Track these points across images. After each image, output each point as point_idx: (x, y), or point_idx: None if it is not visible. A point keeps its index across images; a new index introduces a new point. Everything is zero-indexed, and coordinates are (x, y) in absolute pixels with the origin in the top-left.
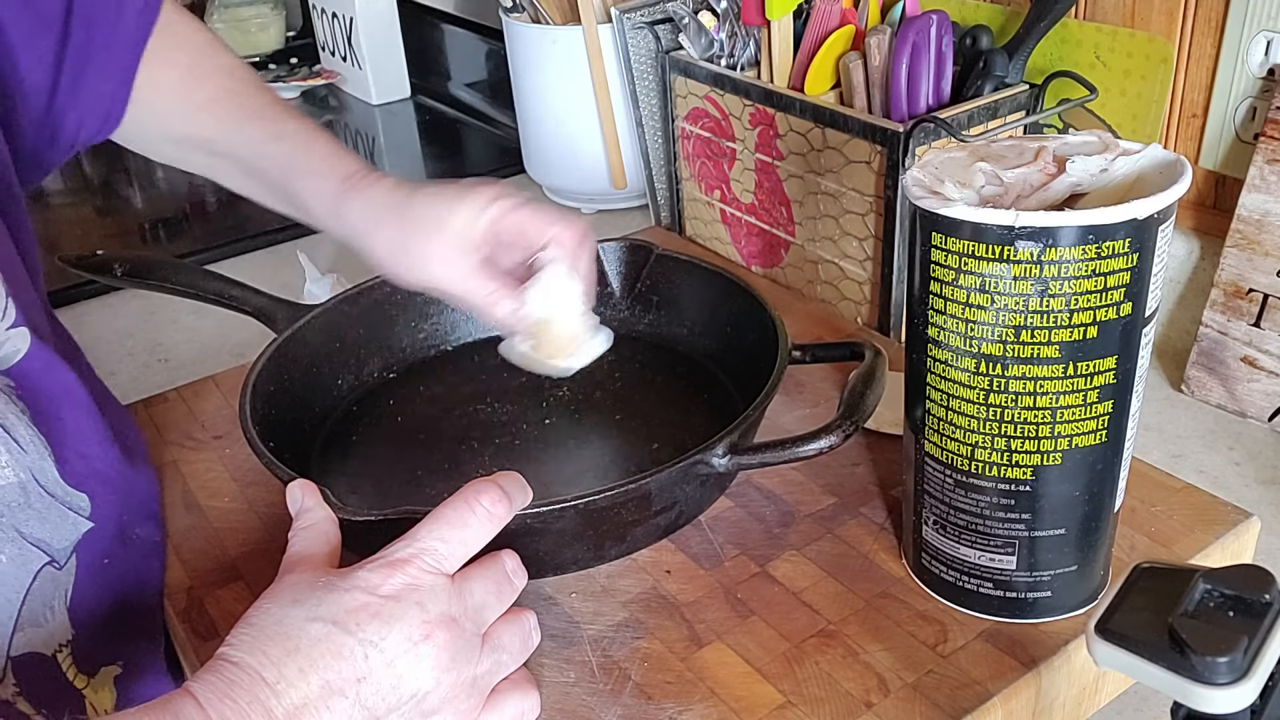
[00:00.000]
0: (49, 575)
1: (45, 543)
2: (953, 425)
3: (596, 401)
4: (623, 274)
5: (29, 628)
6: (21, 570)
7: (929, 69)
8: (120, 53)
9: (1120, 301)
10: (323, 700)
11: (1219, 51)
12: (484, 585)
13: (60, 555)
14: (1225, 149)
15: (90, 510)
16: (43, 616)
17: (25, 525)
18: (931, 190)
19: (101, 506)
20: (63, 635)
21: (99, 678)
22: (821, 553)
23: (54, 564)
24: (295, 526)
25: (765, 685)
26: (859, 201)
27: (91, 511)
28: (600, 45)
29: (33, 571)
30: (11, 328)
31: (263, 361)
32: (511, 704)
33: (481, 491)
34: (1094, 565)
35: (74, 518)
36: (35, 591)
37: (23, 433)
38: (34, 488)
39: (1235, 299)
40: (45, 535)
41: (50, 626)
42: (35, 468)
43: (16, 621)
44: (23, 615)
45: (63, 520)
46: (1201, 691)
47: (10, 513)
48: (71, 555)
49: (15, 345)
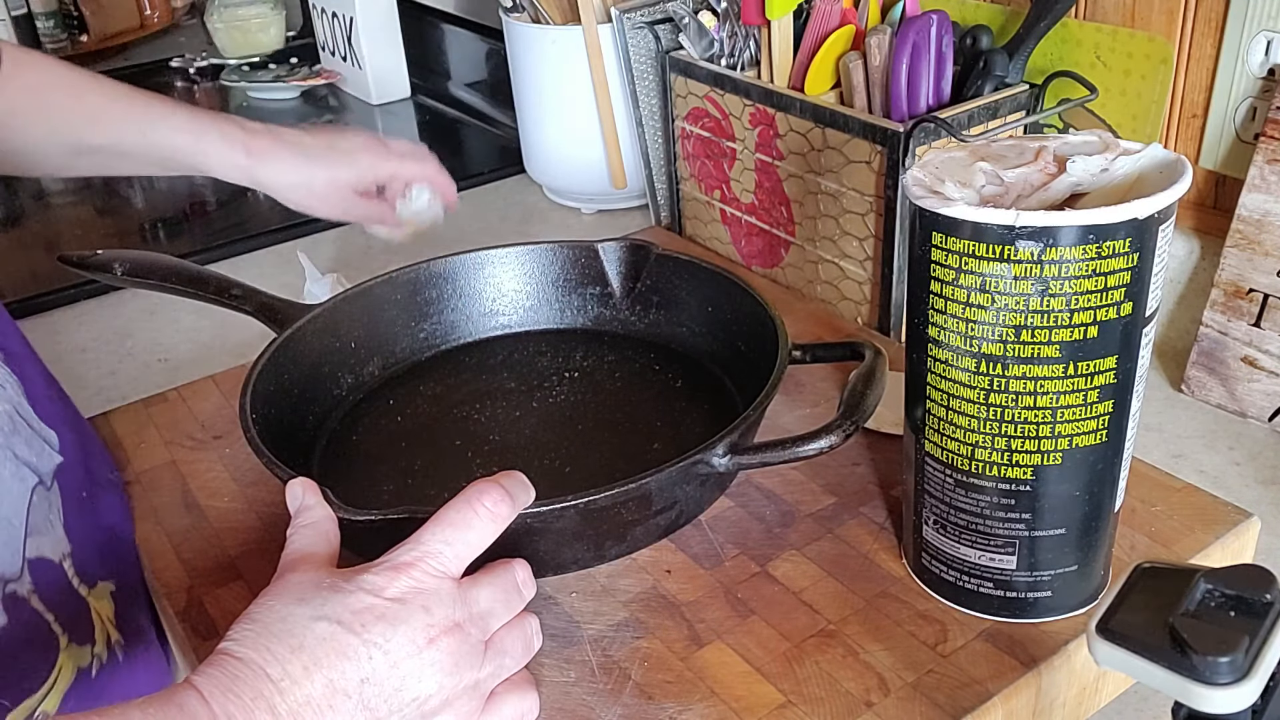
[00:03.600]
0: (41, 494)
1: (33, 464)
2: (953, 425)
3: (596, 401)
4: (623, 274)
5: (36, 535)
6: (21, 485)
7: (929, 69)
8: None
9: (1120, 301)
10: (326, 699)
11: (1219, 51)
12: (492, 593)
13: (46, 479)
14: (1225, 149)
15: (59, 445)
16: (45, 525)
17: (17, 448)
18: (932, 190)
19: (67, 446)
20: (63, 547)
21: (97, 590)
22: (822, 552)
23: (43, 484)
24: (295, 524)
25: (765, 685)
26: (859, 201)
27: (60, 447)
28: (600, 45)
29: (29, 488)
30: None
31: (263, 361)
32: (511, 705)
33: (484, 492)
34: (1094, 565)
35: (48, 449)
36: (35, 505)
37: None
38: (18, 418)
39: (1235, 299)
40: (31, 459)
41: (52, 536)
42: (14, 401)
43: (26, 526)
44: (30, 522)
45: (41, 449)
46: (1202, 691)
47: (4, 436)
48: (54, 482)
49: None
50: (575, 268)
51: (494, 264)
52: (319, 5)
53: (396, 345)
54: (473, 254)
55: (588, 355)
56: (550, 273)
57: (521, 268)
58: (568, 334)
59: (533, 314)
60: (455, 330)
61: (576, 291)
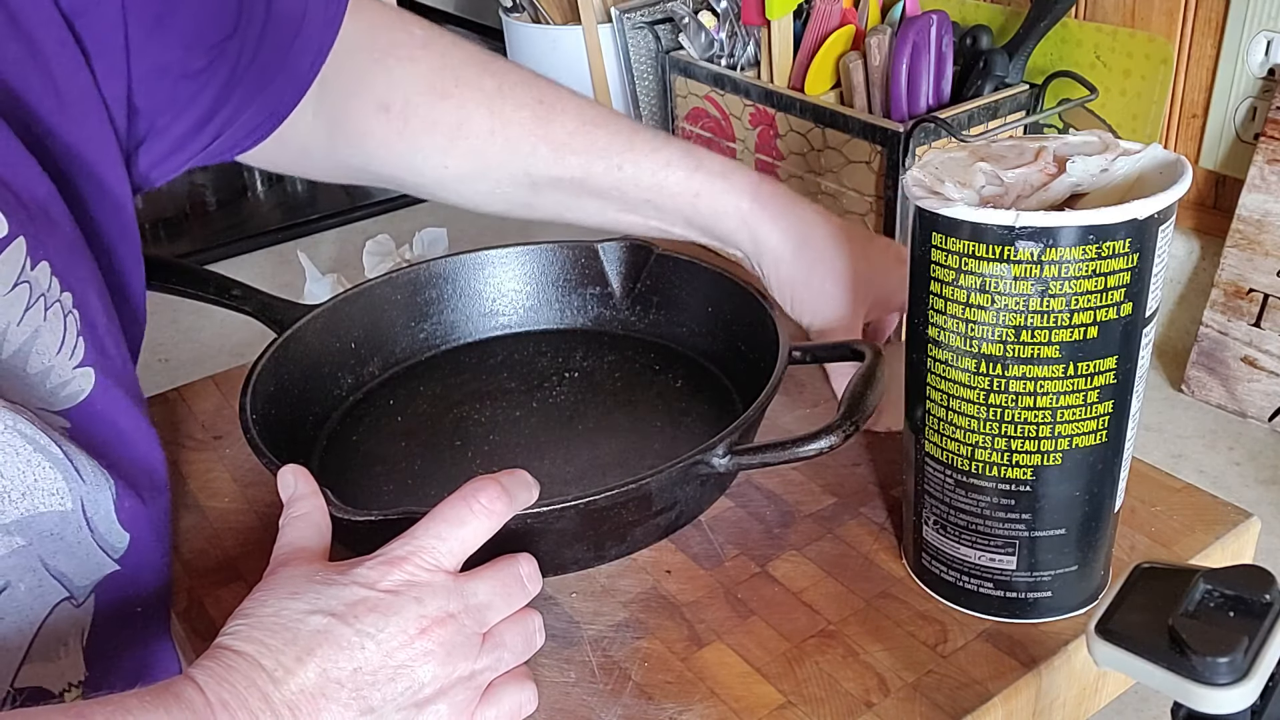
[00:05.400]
0: (66, 611)
1: (66, 577)
2: (953, 425)
3: (596, 401)
4: (623, 274)
5: (39, 661)
6: (38, 603)
7: (929, 69)
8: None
9: (1120, 301)
10: (320, 688)
11: (1219, 51)
12: (490, 586)
13: (79, 593)
14: (1225, 149)
15: (124, 553)
16: (55, 652)
17: (52, 557)
18: (931, 190)
19: (137, 551)
20: (74, 674)
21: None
22: (821, 553)
23: (72, 600)
24: (287, 514)
25: (765, 685)
26: (859, 201)
27: (124, 555)
28: (600, 45)
29: (49, 605)
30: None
31: (263, 361)
32: (509, 697)
33: (480, 489)
34: (1094, 565)
35: (102, 557)
36: (49, 626)
37: (84, 462)
38: (77, 519)
39: (1235, 299)
40: (68, 570)
41: (62, 664)
42: (88, 498)
43: (26, 653)
44: (34, 648)
45: (89, 557)
46: (1202, 692)
47: (40, 542)
48: (90, 595)
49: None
50: (575, 268)
51: (494, 264)
52: None
53: (396, 345)
54: (473, 254)
55: (588, 355)
56: (550, 273)
57: (521, 268)
58: (568, 334)
59: (533, 314)
60: (455, 330)
61: (576, 291)
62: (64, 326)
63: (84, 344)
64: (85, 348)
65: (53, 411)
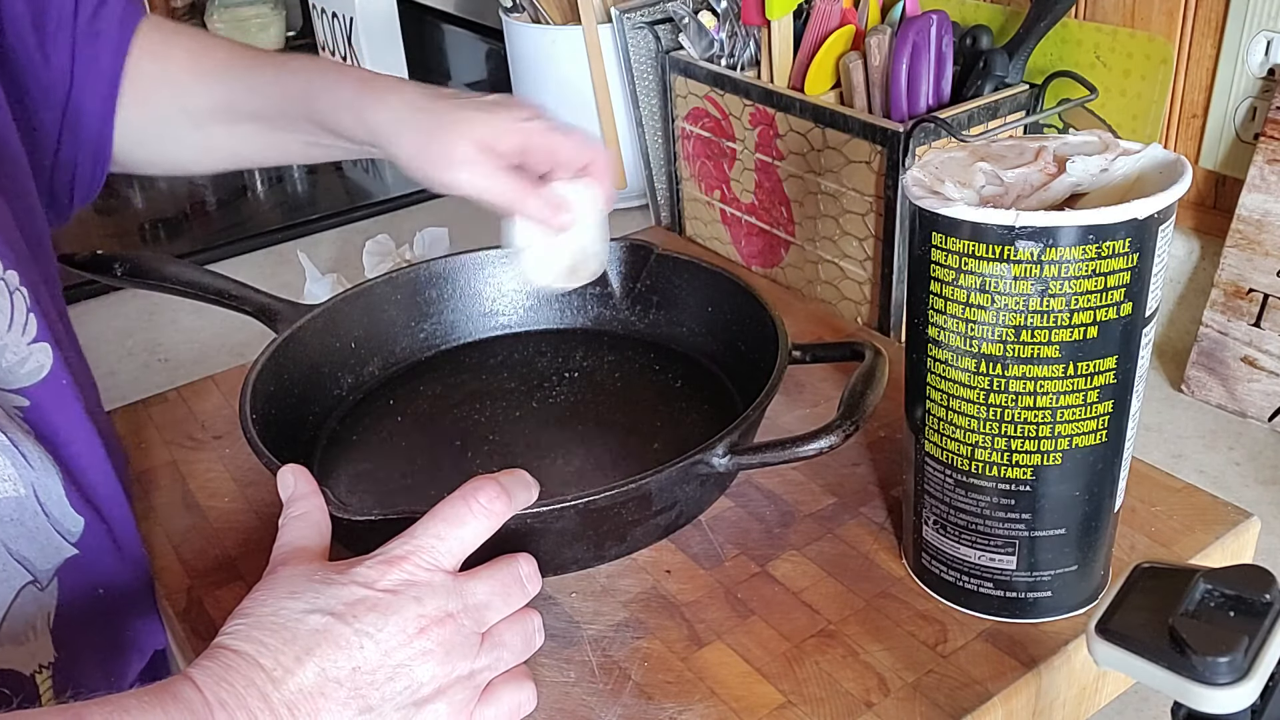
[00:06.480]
0: (31, 594)
1: (29, 561)
2: (953, 425)
3: (596, 401)
4: (623, 274)
5: (8, 644)
6: (3, 586)
7: (929, 69)
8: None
9: (1120, 301)
10: (319, 687)
11: (1219, 51)
12: (490, 585)
13: (43, 577)
14: (1225, 149)
15: (80, 536)
16: (24, 635)
17: (13, 541)
18: (931, 190)
19: (93, 534)
20: (44, 656)
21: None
22: (821, 553)
23: (36, 583)
24: (286, 514)
25: (765, 685)
26: (859, 201)
27: (80, 538)
28: (600, 45)
29: (15, 589)
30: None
31: (263, 361)
32: (508, 696)
33: (479, 488)
34: (1094, 565)
35: (59, 541)
36: (16, 609)
37: (30, 448)
38: (32, 504)
39: (1235, 299)
40: (30, 554)
41: (32, 646)
42: (39, 484)
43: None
44: (3, 631)
45: (48, 542)
46: (1202, 691)
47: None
48: (53, 579)
49: (39, 361)
50: None
51: (494, 264)
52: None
53: (396, 345)
54: (473, 254)
55: (588, 355)
56: None
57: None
58: (568, 334)
59: (533, 314)
60: (455, 330)
61: (576, 291)
62: (10, 304)
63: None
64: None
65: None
